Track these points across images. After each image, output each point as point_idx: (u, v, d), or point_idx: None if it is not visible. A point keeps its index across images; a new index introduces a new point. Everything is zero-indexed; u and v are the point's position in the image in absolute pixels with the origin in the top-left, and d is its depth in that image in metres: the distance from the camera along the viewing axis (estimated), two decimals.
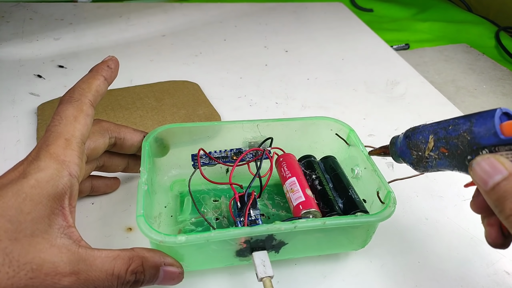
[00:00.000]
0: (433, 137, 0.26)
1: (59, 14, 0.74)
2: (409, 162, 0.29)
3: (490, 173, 0.22)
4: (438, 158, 0.26)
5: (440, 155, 0.26)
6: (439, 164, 0.27)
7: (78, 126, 0.27)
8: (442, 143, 0.26)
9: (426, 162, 0.27)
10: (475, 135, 0.24)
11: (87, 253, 0.25)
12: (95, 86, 0.29)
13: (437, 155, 0.26)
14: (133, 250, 0.27)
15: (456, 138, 0.25)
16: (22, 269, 0.23)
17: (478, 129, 0.24)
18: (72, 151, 0.26)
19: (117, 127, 0.34)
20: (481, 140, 0.23)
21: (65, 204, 0.25)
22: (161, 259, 0.27)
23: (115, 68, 0.31)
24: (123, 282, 0.25)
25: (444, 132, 0.26)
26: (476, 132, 0.24)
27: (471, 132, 0.24)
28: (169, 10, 0.80)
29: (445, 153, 0.26)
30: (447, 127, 0.26)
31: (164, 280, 0.28)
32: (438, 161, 0.26)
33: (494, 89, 0.63)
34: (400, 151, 0.29)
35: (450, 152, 0.25)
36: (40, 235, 0.24)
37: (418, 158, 0.28)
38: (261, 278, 0.28)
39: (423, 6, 0.94)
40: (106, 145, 0.33)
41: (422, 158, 0.27)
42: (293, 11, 0.85)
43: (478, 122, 0.24)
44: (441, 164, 0.27)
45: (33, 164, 0.25)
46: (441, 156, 0.26)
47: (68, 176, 0.26)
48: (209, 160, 0.36)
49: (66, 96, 0.28)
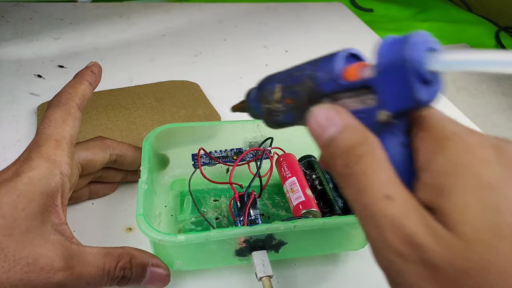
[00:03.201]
0: (280, 86, 0.22)
1: (59, 14, 0.74)
2: (260, 116, 0.24)
3: (324, 125, 0.19)
4: (286, 111, 0.22)
5: (286, 106, 0.22)
6: (287, 118, 0.23)
7: (67, 128, 0.28)
8: (287, 92, 0.22)
9: (274, 116, 0.23)
10: (318, 81, 0.20)
11: (80, 250, 0.26)
12: (81, 91, 0.30)
13: (284, 107, 0.22)
14: (123, 248, 0.28)
15: (300, 86, 0.21)
16: (18, 263, 0.23)
17: (320, 74, 0.20)
18: (63, 151, 0.27)
19: (119, 145, 0.35)
20: (323, 87, 0.20)
21: (58, 202, 0.26)
22: (148, 259, 0.28)
23: (99, 73, 0.33)
24: (112, 277, 0.26)
25: (290, 80, 0.22)
26: (319, 78, 0.20)
27: (314, 78, 0.20)
28: (169, 10, 0.80)
29: (291, 104, 0.22)
30: (293, 73, 0.22)
31: (150, 280, 0.28)
32: (286, 114, 0.22)
33: (494, 89, 0.63)
34: (253, 104, 0.25)
35: (296, 102, 0.21)
36: (34, 231, 0.24)
37: (268, 112, 0.23)
38: (261, 277, 0.28)
39: (423, 6, 0.94)
40: (106, 161, 0.34)
41: (271, 111, 0.23)
42: (293, 11, 0.85)
43: (320, 66, 0.20)
44: (289, 118, 0.22)
45: (26, 163, 0.26)
46: (287, 108, 0.22)
47: (59, 174, 0.27)
48: (209, 160, 0.36)
49: (54, 100, 0.30)
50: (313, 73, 0.20)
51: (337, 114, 0.19)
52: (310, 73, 0.20)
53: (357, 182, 0.17)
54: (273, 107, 0.23)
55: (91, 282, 0.26)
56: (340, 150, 0.18)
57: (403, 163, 0.18)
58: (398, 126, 0.18)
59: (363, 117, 0.18)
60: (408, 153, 0.18)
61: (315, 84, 0.20)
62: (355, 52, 0.20)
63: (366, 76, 0.18)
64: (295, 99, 0.21)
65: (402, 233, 0.16)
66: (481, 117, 0.56)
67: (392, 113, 0.17)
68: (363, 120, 0.18)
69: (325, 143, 0.19)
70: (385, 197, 0.17)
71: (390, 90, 0.17)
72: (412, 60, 0.16)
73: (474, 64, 0.16)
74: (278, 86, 0.22)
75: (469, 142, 0.17)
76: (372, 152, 0.18)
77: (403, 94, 0.17)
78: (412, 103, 0.17)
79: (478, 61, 0.16)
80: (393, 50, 0.17)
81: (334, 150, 0.19)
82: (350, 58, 0.20)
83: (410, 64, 0.16)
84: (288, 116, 0.22)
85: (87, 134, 0.43)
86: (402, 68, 0.16)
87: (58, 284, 0.24)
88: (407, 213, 0.16)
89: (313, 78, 0.20)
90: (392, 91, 0.17)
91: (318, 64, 0.20)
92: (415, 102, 0.17)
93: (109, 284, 0.27)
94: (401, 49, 0.16)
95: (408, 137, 0.19)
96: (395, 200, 0.17)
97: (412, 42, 0.16)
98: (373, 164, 0.17)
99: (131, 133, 0.44)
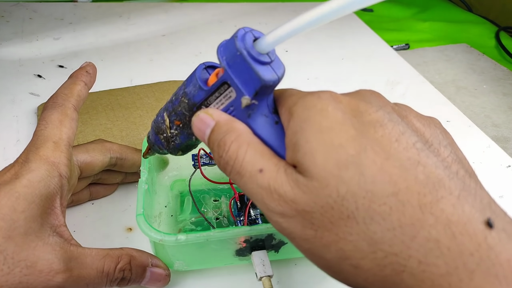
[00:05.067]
0: (166, 113, 0.25)
1: (59, 14, 0.74)
2: (164, 148, 0.27)
3: (202, 128, 0.21)
4: (179, 133, 0.25)
5: (177, 129, 0.25)
6: (182, 139, 0.25)
7: (64, 130, 0.28)
8: (173, 116, 0.24)
9: (173, 143, 0.26)
10: (189, 96, 0.23)
11: (79, 251, 0.26)
12: (76, 91, 0.30)
13: (176, 130, 0.25)
14: (122, 249, 0.28)
15: (179, 106, 0.24)
16: (17, 266, 0.23)
17: (189, 89, 0.23)
18: (61, 153, 0.27)
19: (119, 148, 0.35)
20: (195, 98, 0.23)
21: (57, 204, 0.26)
22: (148, 260, 0.28)
23: (94, 73, 0.33)
24: (111, 279, 0.26)
25: (171, 105, 0.24)
26: (189, 93, 0.23)
27: (186, 95, 0.23)
28: (169, 10, 0.80)
29: (179, 125, 0.24)
30: (172, 99, 0.25)
31: (150, 281, 0.28)
32: (180, 136, 0.25)
33: (494, 89, 0.63)
34: (154, 141, 0.27)
35: (182, 121, 0.24)
36: (33, 233, 0.24)
37: (166, 141, 0.26)
38: (261, 277, 0.28)
39: (423, 6, 0.94)
40: (105, 164, 0.34)
41: (168, 138, 0.26)
42: (293, 11, 0.84)
43: (187, 82, 0.23)
44: (184, 138, 0.25)
45: (24, 166, 0.26)
46: (179, 130, 0.25)
47: (58, 176, 0.26)
48: (209, 160, 0.36)
49: (50, 102, 0.29)
50: (184, 90, 0.23)
51: (208, 116, 0.21)
52: (182, 92, 0.23)
53: (233, 168, 0.20)
54: (169, 134, 0.25)
55: (90, 284, 0.26)
56: (215, 145, 0.21)
57: (278, 137, 0.21)
58: (264, 108, 0.21)
59: (233, 110, 0.22)
60: (280, 127, 0.21)
61: (189, 98, 0.23)
62: (211, 64, 0.24)
63: (220, 75, 0.21)
64: (180, 119, 0.24)
65: (276, 195, 0.18)
66: (481, 117, 0.56)
67: (250, 96, 0.20)
68: (234, 112, 0.22)
69: (207, 143, 0.21)
70: (257, 171, 0.19)
71: (240, 79, 0.20)
72: (244, 48, 0.20)
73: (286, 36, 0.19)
74: (165, 115, 0.25)
75: (307, 100, 0.19)
76: (238, 137, 0.20)
77: (250, 77, 0.20)
78: (259, 82, 0.20)
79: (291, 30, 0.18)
80: (229, 48, 0.20)
81: (211, 147, 0.21)
82: (209, 69, 0.24)
83: (243, 51, 0.20)
84: (183, 137, 0.25)
85: (87, 134, 0.43)
86: (240, 57, 0.20)
87: (57, 286, 0.24)
88: (277, 178, 0.18)
89: (186, 94, 0.23)
90: (242, 78, 0.20)
91: (186, 82, 0.23)
92: (262, 80, 0.20)
93: (109, 286, 0.27)
94: (233, 44, 0.20)
95: (277, 115, 0.22)
96: (266, 170, 0.19)
97: (239, 36, 0.20)
98: (241, 147, 0.20)
99: (131, 133, 0.44)
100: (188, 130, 0.24)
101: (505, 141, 0.51)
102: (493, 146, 0.48)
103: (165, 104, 0.26)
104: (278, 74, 0.21)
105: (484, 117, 0.56)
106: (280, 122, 0.21)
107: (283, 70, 0.21)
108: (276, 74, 0.21)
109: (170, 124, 0.25)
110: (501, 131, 0.54)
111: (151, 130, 0.27)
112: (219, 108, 0.22)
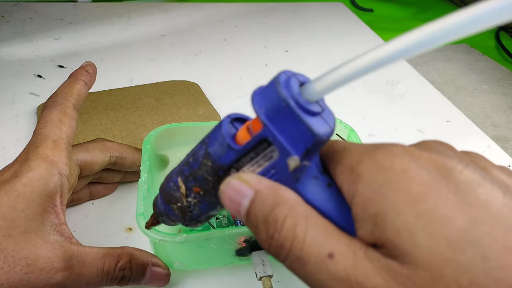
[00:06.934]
0: (181, 178, 0.20)
1: (59, 14, 0.74)
2: (178, 220, 0.22)
3: (237, 200, 0.17)
4: (198, 202, 0.20)
5: (197, 197, 0.20)
6: (203, 209, 0.20)
7: (64, 128, 0.28)
8: (191, 181, 0.20)
9: (190, 213, 0.21)
10: (214, 157, 0.18)
11: (79, 250, 0.26)
12: (76, 91, 0.30)
13: (195, 198, 0.20)
14: (123, 248, 0.28)
15: (200, 169, 0.19)
16: (18, 264, 0.23)
17: (213, 149, 0.18)
18: (61, 152, 0.27)
19: (120, 147, 0.35)
20: (222, 160, 0.18)
21: (57, 202, 0.26)
22: (148, 259, 0.28)
23: (93, 73, 0.33)
24: (112, 278, 0.26)
25: (187, 168, 0.20)
26: (213, 153, 0.18)
27: (210, 156, 0.18)
28: (169, 10, 0.80)
29: (199, 192, 0.20)
30: (188, 160, 0.20)
31: (150, 280, 0.28)
32: (200, 205, 0.20)
33: (494, 89, 0.63)
34: (164, 211, 0.22)
35: (203, 188, 0.19)
36: (33, 231, 0.24)
37: (181, 211, 0.21)
38: (261, 277, 0.28)
39: (423, 6, 0.94)
40: (105, 163, 0.34)
41: (184, 209, 0.21)
42: (293, 11, 0.85)
43: (210, 140, 0.19)
44: (205, 208, 0.20)
45: (24, 164, 0.26)
46: (199, 198, 0.20)
47: (58, 175, 0.27)
48: None
49: (50, 101, 0.29)
50: (206, 151, 0.19)
51: (243, 183, 0.17)
52: (203, 152, 0.19)
53: (290, 253, 0.15)
54: (185, 204, 0.20)
55: (90, 282, 0.26)
56: (260, 222, 0.16)
57: (335, 205, 0.17)
58: (313, 168, 0.17)
59: (275, 173, 0.17)
60: (336, 191, 0.17)
61: (213, 160, 0.18)
62: (237, 116, 0.19)
63: (257, 131, 0.17)
64: (201, 185, 0.19)
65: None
66: (481, 117, 0.56)
67: (299, 156, 0.16)
68: (276, 176, 0.17)
69: (245, 219, 0.17)
70: (326, 257, 0.15)
71: (285, 135, 0.16)
72: (291, 96, 0.16)
73: (344, 81, 0.15)
74: (179, 180, 0.20)
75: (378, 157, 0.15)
76: (292, 211, 0.16)
77: (299, 133, 0.16)
78: (311, 138, 0.16)
79: (347, 77, 0.15)
80: (269, 97, 0.16)
81: (254, 223, 0.16)
82: (235, 123, 0.19)
83: (291, 101, 0.16)
84: (204, 206, 0.20)
85: (87, 134, 0.43)
86: (285, 108, 0.16)
87: (58, 284, 0.24)
88: (357, 265, 0.14)
89: (209, 155, 0.18)
90: (288, 135, 0.16)
91: (207, 141, 0.19)
92: (314, 136, 0.16)
93: (109, 284, 0.27)
94: (275, 91, 0.16)
95: (329, 176, 0.17)
96: (338, 254, 0.15)
97: (282, 82, 0.16)
98: (298, 224, 0.15)
99: (131, 133, 0.44)
100: (211, 199, 0.20)
101: (505, 141, 0.51)
102: (493, 146, 0.48)
103: (178, 167, 0.21)
104: (331, 125, 0.17)
105: (484, 117, 0.56)
106: (334, 185, 0.17)
107: (333, 119, 0.17)
108: (330, 127, 0.17)
109: (187, 192, 0.20)
110: (501, 131, 0.54)
111: (159, 198, 0.22)
112: (255, 172, 0.17)
